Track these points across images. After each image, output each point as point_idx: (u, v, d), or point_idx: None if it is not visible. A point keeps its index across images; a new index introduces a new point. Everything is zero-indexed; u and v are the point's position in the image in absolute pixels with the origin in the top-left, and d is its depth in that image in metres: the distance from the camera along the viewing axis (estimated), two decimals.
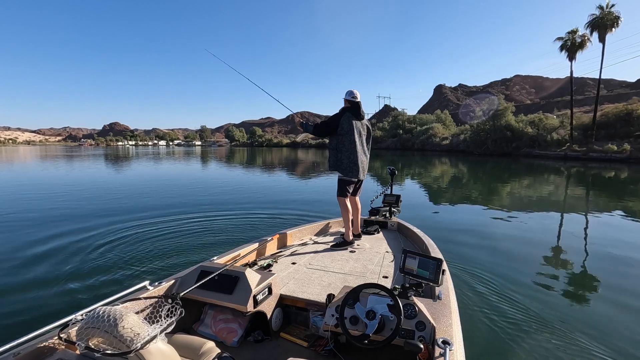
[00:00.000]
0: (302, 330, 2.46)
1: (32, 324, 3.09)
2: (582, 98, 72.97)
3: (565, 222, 8.19)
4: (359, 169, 3.76)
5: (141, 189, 13.25)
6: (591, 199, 11.94)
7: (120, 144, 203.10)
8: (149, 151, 72.11)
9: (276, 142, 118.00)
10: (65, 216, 7.93)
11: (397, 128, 65.09)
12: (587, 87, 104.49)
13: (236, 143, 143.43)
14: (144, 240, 5.96)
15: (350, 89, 3.83)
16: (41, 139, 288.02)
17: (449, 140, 50.65)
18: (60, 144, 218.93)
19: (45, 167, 25.58)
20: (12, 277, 4.35)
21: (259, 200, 10.49)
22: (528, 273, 4.67)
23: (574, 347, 2.97)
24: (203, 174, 20.69)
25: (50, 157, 40.90)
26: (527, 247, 5.92)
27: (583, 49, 32.68)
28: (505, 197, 11.90)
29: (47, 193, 11.71)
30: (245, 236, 6.04)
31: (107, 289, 3.94)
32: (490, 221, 8.05)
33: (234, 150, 76.45)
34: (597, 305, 3.81)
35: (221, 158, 41.51)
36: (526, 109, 68.21)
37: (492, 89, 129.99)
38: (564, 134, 35.56)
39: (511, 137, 38.47)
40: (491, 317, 3.46)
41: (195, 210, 8.68)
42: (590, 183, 16.26)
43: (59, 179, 17.03)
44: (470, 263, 4.93)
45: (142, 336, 1.31)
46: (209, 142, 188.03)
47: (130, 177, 18.37)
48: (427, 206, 10.08)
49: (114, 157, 42.83)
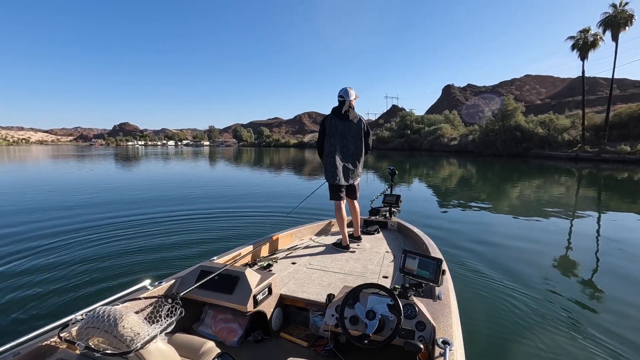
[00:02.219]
0: (302, 330, 2.45)
1: (32, 324, 3.16)
2: (594, 98, 71.76)
3: (572, 224, 8.05)
4: (339, 173, 3.54)
5: (143, 188, 13.31)
6: (603, 200, 11.71)
7: (130, 144, 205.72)
8: (158, 151, 72.91)
9: (283, 142, 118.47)
10: (65, 216, 7.91)
11: (405, 128, 64.80)
12: (600, 87, 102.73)
13: (244, 143, 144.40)
14: (144, 240, 5.98)
15: (343, 87, 3.58)
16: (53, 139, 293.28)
17: (458, 140, 50.24)
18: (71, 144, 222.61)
19: (47, 166, 25.92)
20: (12, 277, 4.35)
21: (259, 200, 10.51)
22: (529, 274, 4.61)
23: (574, 348, 2.96)
24: (206, 174, 20.78)
25: (58, 157, 41.51)
26: (530, 248, 5.84)
27: (595, 48, 32.21)
28: (513, 198, 11.75)
29: (47, 193, 11.73)
30: (245, 236, 6.03)
31: (107, 288, 3.94)
32: (493, 222, 7.96)
33: (242, 151, 76.92)
34: (598, 307, 3.76)
35: (228, 158, 41.78)
36: (537, 109, 67.31)
37: (501, 89, 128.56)
38: (576, 134, 35.03)
39: (521, 138, 38.01)
40: (491, 317, 3.46)
41: (196, 209, 8.73)
42: (602, 184, 15.96)
43: (60, 178, 17.14)
44: (470, 263, 4.92)
45: (142, 336, 1.31)
46: (217, 142, 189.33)
47: (133, 177, 18.42)
48: (431, 207, 9.99)
49: (122, 157, 43.34)
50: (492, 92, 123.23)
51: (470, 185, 15.48)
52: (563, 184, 15.79)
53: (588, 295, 4.09)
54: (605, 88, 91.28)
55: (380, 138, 70.72)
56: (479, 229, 7.12)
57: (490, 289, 4.09)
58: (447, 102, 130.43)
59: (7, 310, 3.51)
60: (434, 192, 13.39)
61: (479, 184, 16.07)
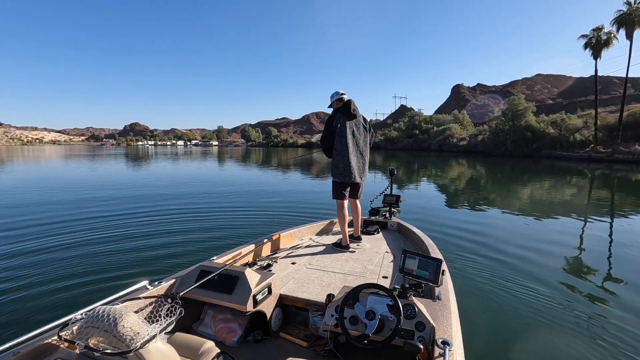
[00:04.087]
0: (301, 330, 2.45)
1: (32, 324, 3.17)
2: (608, 97, 70.14)
3: (579, 225, 7.86)
4: (353, 171, 3.61)
5: (143, 188, 13.34)
6: (616, 201, 11.44)
7: (140, 143, 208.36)
8: (167, 151, 73.77)
9: (291, 142, 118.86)
10: (65, 215, 7.92)
11: (413, 128, 64.42)
12: (613, 86, 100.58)
13: (252, 143, 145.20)
14: (144, 239, 6.01)
15: (336, 90, 3.73)
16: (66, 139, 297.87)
17: (467, 140, 49.76)
18: (83, 144, 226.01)
19: (51, 165, 26.26)
20: (12, 277, 4.36)
21: (260, 199, 10.54)
22: (529, 274, 4.57)
23: (574, 348, 2.94)
24: (209, 173, 20.88)
25: (70, 156, 42.21)
26: (531, 248, 5.76)
27: (609, 46, 31.58)
28: (520, 199, 11.58)
29: (46, 192, 11.76)
30: (245, 236, 6.03)
31: (106, 288, 3.94)
32: (495, 222, 7.83)
33: (250, 150, 77.40)
34: (598, 308, 3.72)
35: (236, 158, 42.04)
36: (548, 109, 66.07)
37: (512, 89, 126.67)
38: (588, 134, 34.38)
39: (532, 138, 37.51)
40: (491, 318, 3.45)
41: (196, 209, 8.78)
42: (615, 186, 15.63)
43: (60, 177, 17.31)
44: (470, 263, 4.90)
45: (142, 335, 1.31)
46: (226, 142, 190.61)
47: (136, 177, 18.41)
48: (436, 207, 9.88)
49: (131, 156, 43.85)
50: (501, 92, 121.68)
51: (478, 186, 15.31)
52: (574, 185, 15.53)
53: (588, 296, 4.04)
54: (619, 87, 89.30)
55: (389, 138, 70.44)
56: (480, 229, 7.03)
57: (490, 289, 4.09)
58: (456, 101, 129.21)
59: (7, 310, 3.53)
60: (441, 193, 13.28)
61: (487, 185, 15.89)
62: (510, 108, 40.53)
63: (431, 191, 13.71)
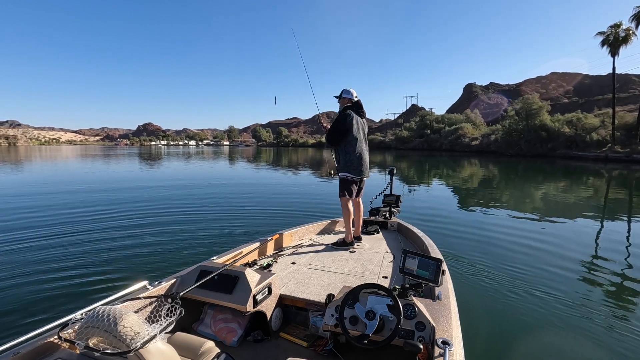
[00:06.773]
0: (301, 330, 2.44)
1: (32, 324, 3.21)
2: (626, 96, 68.12)
3: (589, 227, 7.62)
4: (365, 168, 3.77)
5: (144, 187, 13.44)
6: (634, 202, 11.10)
7: (153, 143, 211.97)
8: (180, 151, 74.78)
9: (302, 142, 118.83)
10: (65, 215, 7.99)
11: (425, 128, 63.85)
12: (632, 84, 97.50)
13: (263, 143, 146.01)
14: (144, 239, 6.06)
15: (346, 88, 3.82)
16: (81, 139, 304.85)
17: (479, 140, 49.03)
18: (98, 144, 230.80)
19: (52, 165, 26.55)
20: (12, 276, 4.40)
21: (260, 199, 10.56)
22: (530, 275, 4.52)
23: (574, 349, 2.93)
24: (215, 173, 21.00)
25: (83, 156, 43.00)
26: (533, 249, 5.69)
27: (627, 43, 30.71)
28: (529, 200, 11.30)
29: (46, 192, 11.83)
30: (245, 236, 6.03)
31: (107, 288, 3.97)
32: (500, 223, 7.67)
33: (260, 150, 77.86)
34: (599, 309, 3.67)
35: (246, 157, 42.31)
36: (563, 108, 64.56)
37: (526, 87, 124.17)
38: (605, 134, 33.47)
39: (546, 138, 36.70)
40: (491, 318, 3.45)
41: (196, 209, 8.82)
42: (633, 186, 15.16)
43: (64, 177, 17.54)
44: (471, 264, 4.86)
45: (142, 335, 1.31)
46: (237, 142, 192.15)
47: (141, 177, 18.40)
48: (438, 207, 9.71)
49: (144, 156, 44.54)
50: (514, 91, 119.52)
51: (489, 186, 15.06)
52: (590, 186, 15.13)
53: (588, 296, 3.99)
54: (638, 85, 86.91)
55: (400, 138, 69.90)
56: (481, 229, 6.96)
57: (490, 289, 4.08)
58: (468, 101, 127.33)
59: (7, 310, 3.56)
60: (449, 193, 13.14)
61: (500, 185, 15.60)
62: (524, 107, 39.75)
63: (440, 191, 13.56)
